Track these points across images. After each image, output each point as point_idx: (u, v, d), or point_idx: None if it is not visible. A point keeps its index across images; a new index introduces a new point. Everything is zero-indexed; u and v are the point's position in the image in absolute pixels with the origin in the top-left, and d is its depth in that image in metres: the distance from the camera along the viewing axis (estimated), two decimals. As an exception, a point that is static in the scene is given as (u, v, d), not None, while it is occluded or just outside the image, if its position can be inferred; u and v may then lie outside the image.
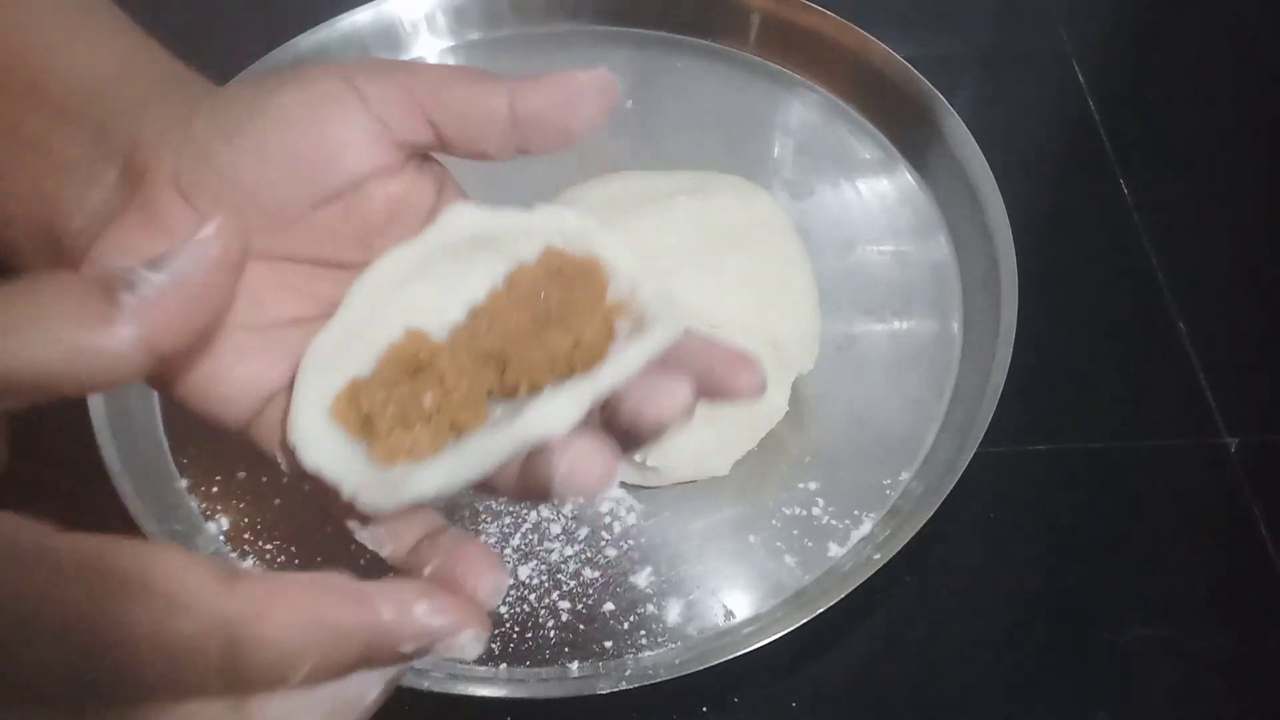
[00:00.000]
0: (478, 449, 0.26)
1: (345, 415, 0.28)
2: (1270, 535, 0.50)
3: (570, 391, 0.26)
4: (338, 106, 0.28)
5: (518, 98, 0.28)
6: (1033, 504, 0.52)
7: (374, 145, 0.28)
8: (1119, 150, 0.64)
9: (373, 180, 0.28)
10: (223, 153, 0.27)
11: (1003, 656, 0.47)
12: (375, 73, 0.28)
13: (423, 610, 0.23)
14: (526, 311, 0.29)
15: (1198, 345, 0.56)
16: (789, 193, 0.61)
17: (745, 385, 0.28)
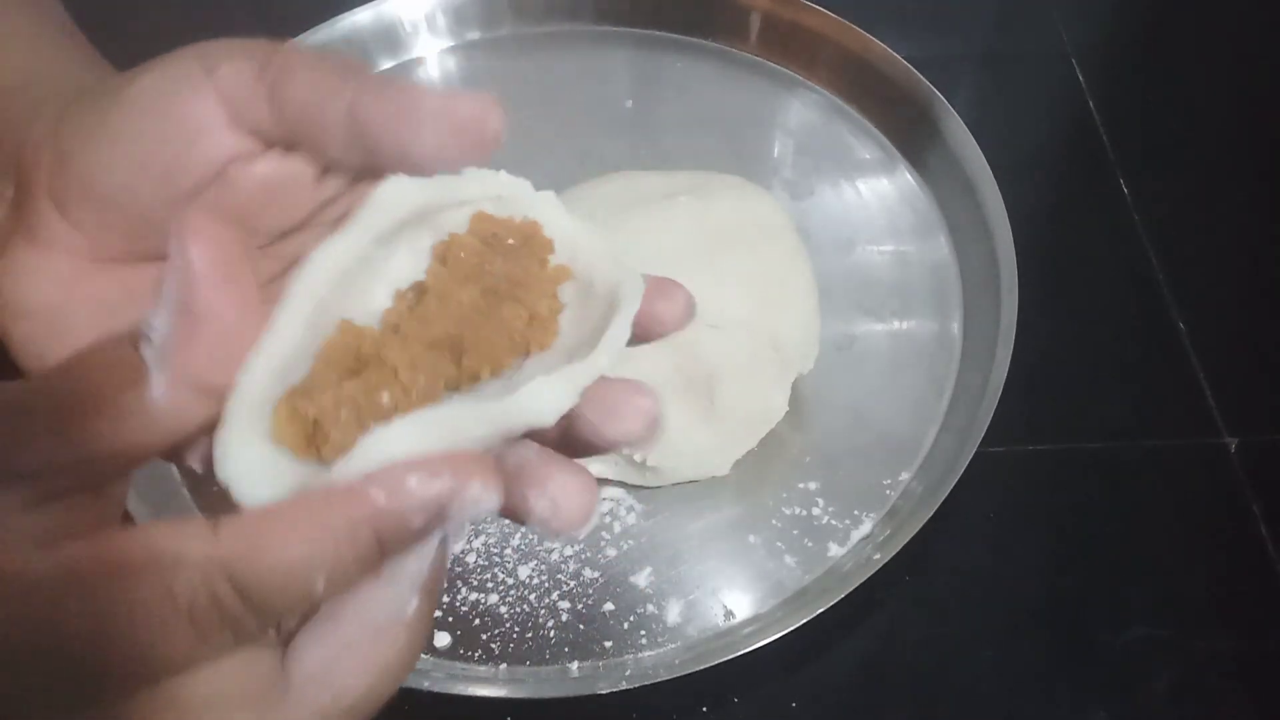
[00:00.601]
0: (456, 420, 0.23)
1: (287, 433, 0.23)
2: (1270, 535, 0.50)
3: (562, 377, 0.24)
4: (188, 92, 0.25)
5: (358, 103, 0.24)
6: (1033, 504, 0.52)
7: (226, 130, 0.25)
8: (1119, 150, 0.64)
9: (233, 167, 0.26)
10: (79, 155, 0.25)
11: (1003, 656, 0.47)
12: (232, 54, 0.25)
13: (415, 481, 0.21)
14: (474, 287, 0.25)
15: (1198, 345, 0.56)
16: (789, 193, 0.61)
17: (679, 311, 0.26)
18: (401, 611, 0.22)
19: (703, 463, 0.50)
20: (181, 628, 0.20)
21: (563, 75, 0.67)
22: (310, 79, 0.25)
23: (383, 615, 0.22)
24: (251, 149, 0.26)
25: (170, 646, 0.20)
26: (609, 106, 0.65)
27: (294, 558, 0.21)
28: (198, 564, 0.20)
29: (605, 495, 0.51)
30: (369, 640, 0.22)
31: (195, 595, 0.20)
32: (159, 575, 0.20)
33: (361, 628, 0.22)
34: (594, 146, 0.62)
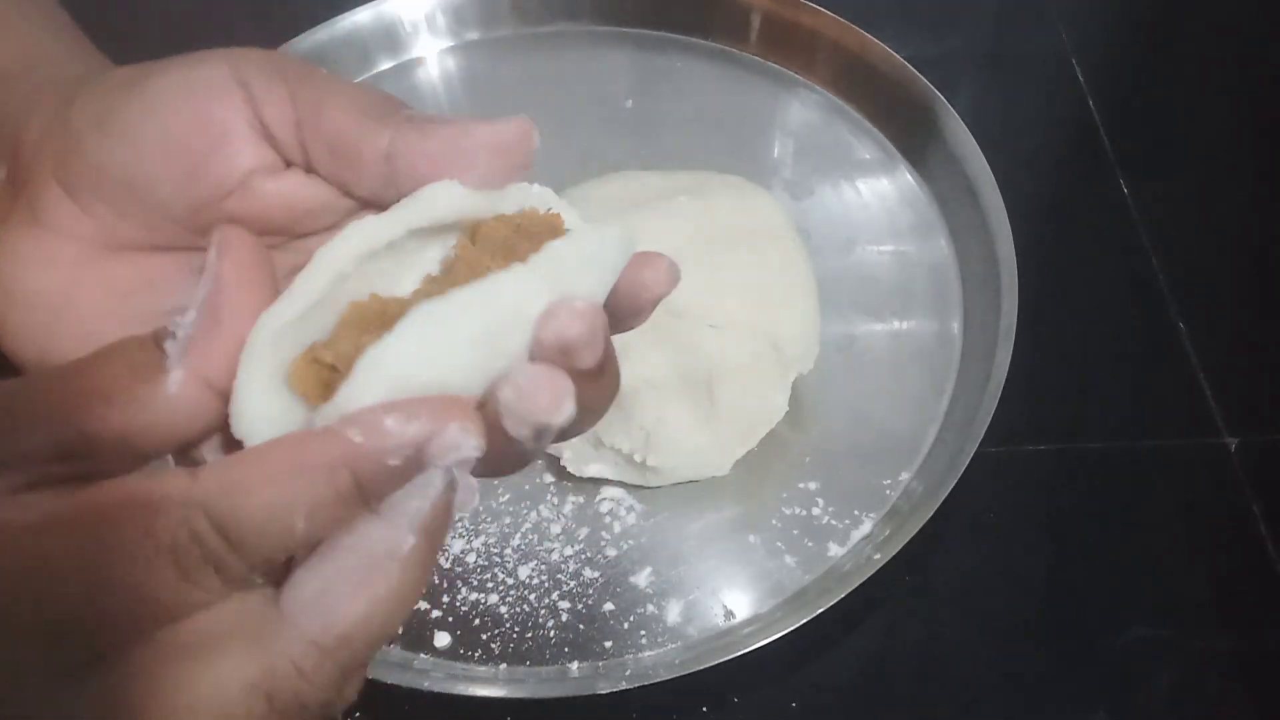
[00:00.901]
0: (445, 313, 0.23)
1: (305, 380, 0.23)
2: (1270, 535, 0.50)
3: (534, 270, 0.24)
4: (219, 95, 0.25)
5: (399, 144, 0.25)
6: (1033, 504, 0.52)
7: (253, 140, 0.26)
8: (1119, 150, 0.64)
9: (258, 175, 0.26)
10: (93, 141, 0.26)
11: (1003, 656, 0.47)
12: (265, 68, 0.26)
13: (393, 421, 0.21)
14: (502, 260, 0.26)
15: (1198, 345, 0.56)
16: (789, 193, 0.61)
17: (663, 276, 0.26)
18: (397, 548, 0.22)
19: (703, 463, 0.50)
20: (166, 568, 0.20)
21: (563, 75, 0.67)
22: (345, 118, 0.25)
23: (379, 549, 0.22)
24: (275, 163, 0.26)
25: (157, 589, 0.20)
26: (609, 106, 0.65)
27: (272, 496, 0.21)
28: (176, 505, 0.21)
29: (605, 495, 0.51)
30: (363, 572, 0.22)
31: (176, 534, 0.20)
32: (139, 517, 0.20)
33: (357, 560, 0.22)
34: (594, 146, 0.62)
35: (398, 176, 0.25)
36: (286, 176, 0.26)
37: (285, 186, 0.26)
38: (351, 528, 0.22)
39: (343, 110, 0.25)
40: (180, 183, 0.26)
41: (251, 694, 0.21)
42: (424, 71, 0.67)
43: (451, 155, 0.25)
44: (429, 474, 0.22)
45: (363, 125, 0.25)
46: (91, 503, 0.21)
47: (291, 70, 0.26)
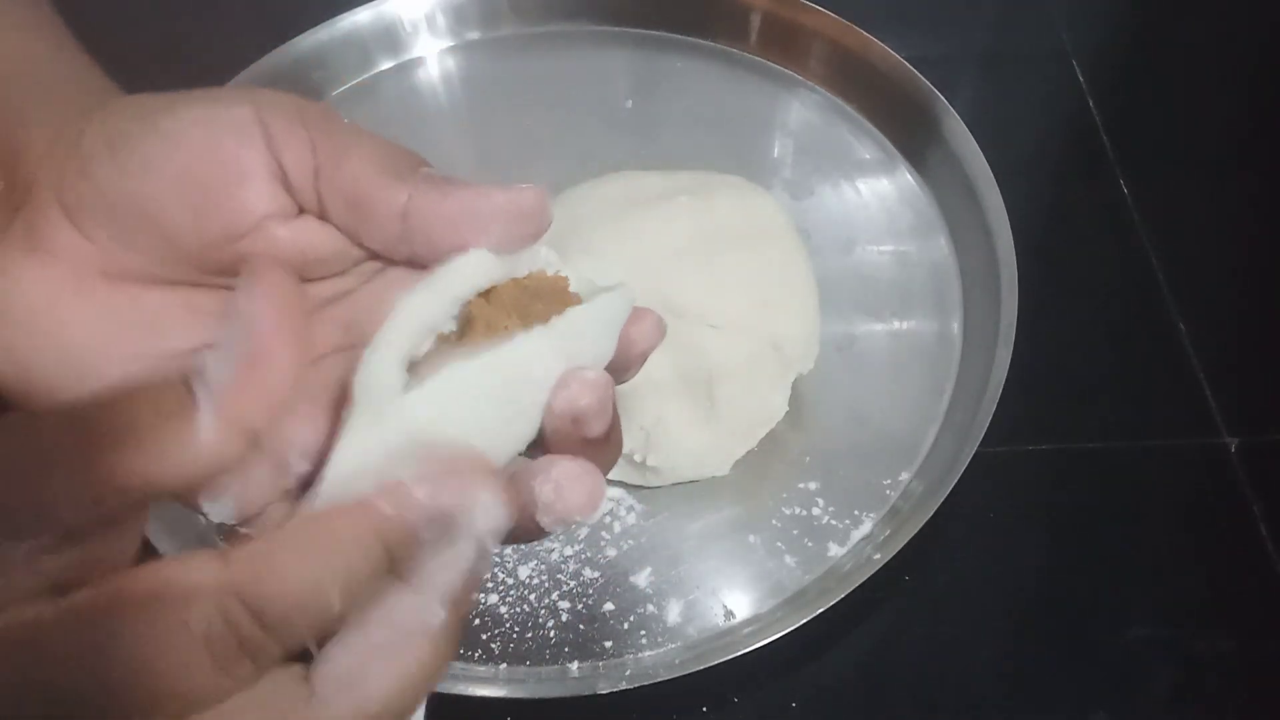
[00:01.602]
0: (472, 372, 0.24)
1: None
2: (1270, 535, 0.50)
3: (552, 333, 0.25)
4: (241, 136, 0.25)
5: (416, 203, 0.25)
6: (1033, 504, 0.52)
7: (270, 185, 0.26)
8: (1119, 150, 0.64)
9: (272, 220, 0.26)
10: (106, 169, 0.25)
11: (1003, 656, 0.47)
12: (288, 113, 0.26)
13: (423, 493, 0.22)
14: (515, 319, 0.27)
15: (1198, 345, 0.56)
16: (789, 193, 0.61)
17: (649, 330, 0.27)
18: (429, 621, 0.22)
19: (703, 463, 0.50)
20: (201, 660, 0.20)
21: (563, 75, 0.67)
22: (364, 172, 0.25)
23: (410, 622, 0.22)
24: (290, 208, 0.26)
25: (191, 682, 0.20)
26: (609, 106, 0.65)
27: (306, 575, 0.21)
28: (210, 593, 0.20)
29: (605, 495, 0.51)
30: (395, 647, 0.22)
31: (211, 625, 0.20)
32: (172, 609, 0.20)
33: (388, 634, 0.22)
34: (594, 146, 0.62)
35: (412, 234, 0.26)
36: (299, 223, 0.27)
37: (298, 233, 0.26)
38: (381, 600, 0.22)
39: (363, 164, 0.26)
40: (193, 219, 0.26)
41: None
42: (424, 71, 0.67)
43: (468, 219, 0.26)
44: (460, 545, 0.22)
45: (381, 181, 0.26)
46: (121, 593, 0.20)
47: (314, 118, 0.26)
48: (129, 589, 0.20)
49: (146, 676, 0.20)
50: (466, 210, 0.26)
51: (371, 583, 0.21)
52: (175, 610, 0.20)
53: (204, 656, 0.20)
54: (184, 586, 0.20)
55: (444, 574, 0.22)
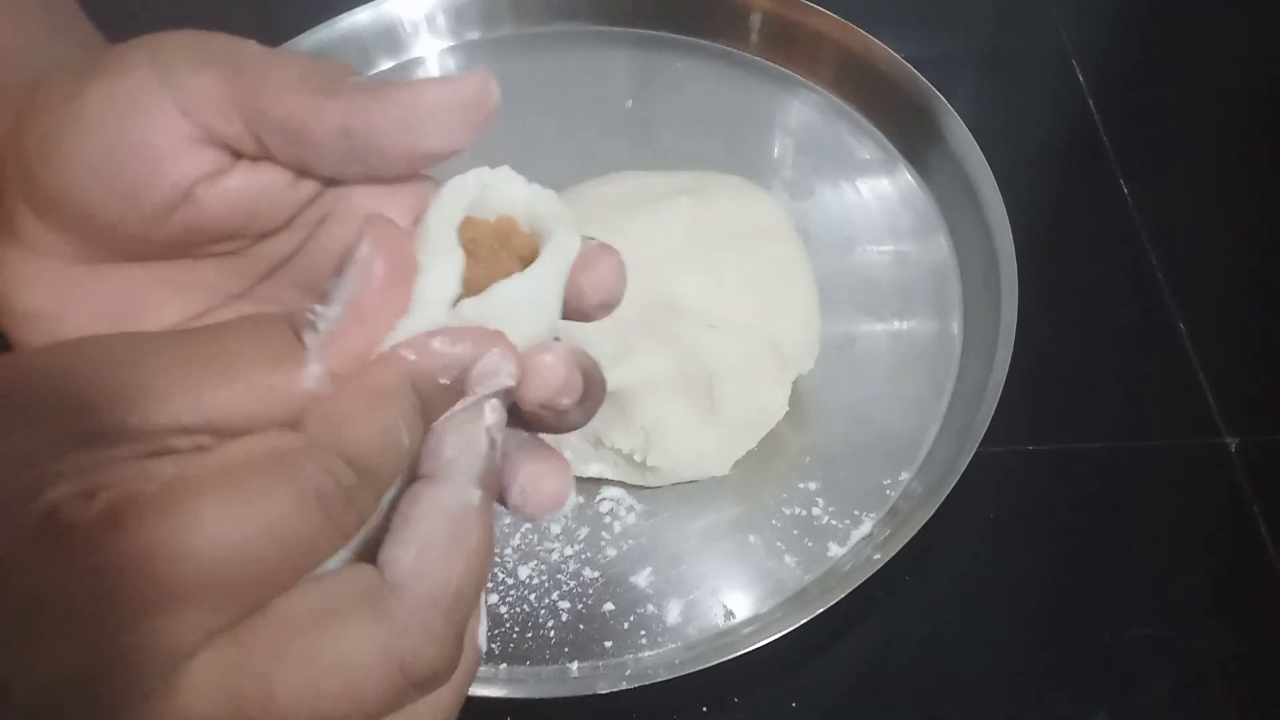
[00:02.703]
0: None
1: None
2: (1270, 535, 0.50)
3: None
4: (146, 107, 0.24)
5: (353, 116, 0.24)
6: (1033, 504, 0.52)
7: (192, 150, 0.25)
8: (1119, 150, 0.64)
9: (200, 187, 0.25)
10: (40, 168, 0.25)
11: (1003, 656, 0.47)
12: (193, 60, 0.24)
13: (439, 343, 0.23)
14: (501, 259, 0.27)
15: (1198, 345, 0.56)
16: (789, 193, 0.61)
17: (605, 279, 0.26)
18: (468, 501, 0.23)
19: (703, 463, 0.50)
20: (315, 517, 0.20)
21: (563, 75, 0.67)
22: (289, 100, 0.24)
23: (452, 505, 0.22)
24: (219, 165, 0.25)
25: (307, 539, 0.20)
26: (609, 106, 0.65)
27: (376, 420, 0.21)
28: (309, 451, 0.21)
29: (605, 495, 0.51)
30: (448, 531, 0.22)
31: (319, 480, 0.20)
32: (282, 469, 0.20)
33: (438, 521, 0.22)
34: (594, 146, 0.62)
35: (358, 150, 0.25)
36: (229, 179, 0.26)
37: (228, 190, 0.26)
38: (416, 497, 0.22)
39: (286, 91, 0.24)
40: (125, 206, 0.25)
41: (383, 660, 0.20)
42: (424, 72, 0.67)
43: (411, 121, 0.24)
44: (475, 433, 0.23)
45: (310, 103, 0.24)
46: (232, 461, 0.20)
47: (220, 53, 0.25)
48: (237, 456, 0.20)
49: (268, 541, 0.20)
50: (406, 112, 0.24)
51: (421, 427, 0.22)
52: (284, 471, 0.20)
53: (318, 512, 0.20)
54: (288, 449, 0.20)
55: (466, 460, 0.23)
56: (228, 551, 0.19)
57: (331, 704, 0.20)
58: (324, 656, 0.20)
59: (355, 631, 0.20)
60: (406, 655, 0.21)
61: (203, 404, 0.21)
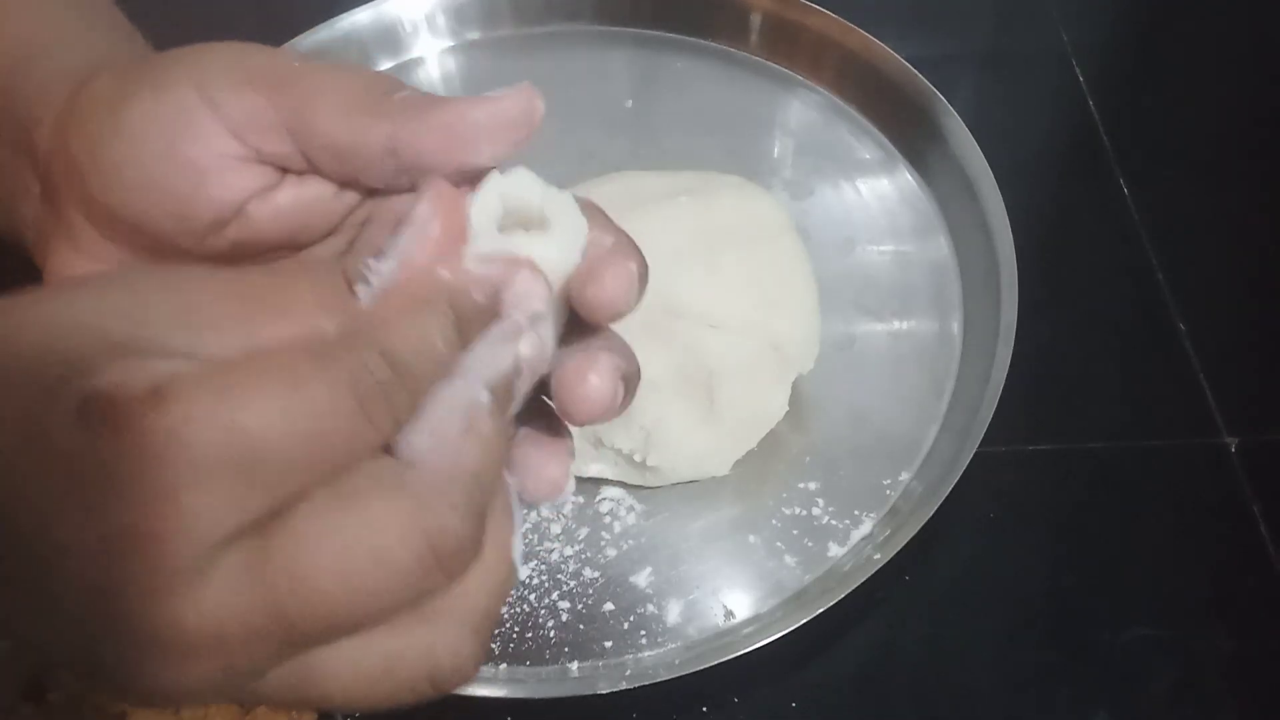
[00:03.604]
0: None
1: None
2: (1270, 535, 0.50)
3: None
4: (190, 126, 0.25)
5: (401, 137, 0.25)
6: (1033, 504, 0.52)
7: (240, 169, 0.25)
8: (1119, 150, 0.64)
9: (251, 204, 0.26)
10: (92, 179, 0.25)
11: (1003, 656, 0.47)
12: (234, 78, 0.25)
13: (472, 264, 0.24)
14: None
15: (1198, 345, 0.56)
16: (789, 193, 0.61)
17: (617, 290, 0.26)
18: (476, 397, 0.23)
19: (703, 463, 0.50)
20: (353, 413, 0.20)
21: (563, 75, 0.66)
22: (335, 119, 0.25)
23: (463, 399, 0.23)
24: (268, 182, 0.26)
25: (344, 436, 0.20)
26: (609, 106, 0.65)
27: (414, 324, 0.22)
28: (346, 342, 0.21)
29: (605, 495, 0.51)
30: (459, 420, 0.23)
31: (357, 376, 0.20)
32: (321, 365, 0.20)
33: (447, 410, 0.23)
34: (594, 146, 0.62)
35: (404, 166, 0.25)
36: (278, 194, 0.26)
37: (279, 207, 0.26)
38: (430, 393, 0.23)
39: (332, 112, 0.25)
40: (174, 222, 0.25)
41: (412, 535, 0.21)
42: (424, 71, 0.67)
43: (457, 140, 0.25)
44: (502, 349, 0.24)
45: (357, 124, 0.25)
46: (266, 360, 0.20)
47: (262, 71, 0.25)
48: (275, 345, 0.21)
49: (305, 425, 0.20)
50: (454, 133, 0.25)
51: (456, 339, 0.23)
52: (323, 367, 0.20)
53: (352, 403, 0.20)
54: (326, 346, 0.21)
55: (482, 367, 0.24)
56: (264, 433, 0.19)
57: (362, 579, 0.20)
58: (350, 533, 0.20)
59: (379, 505, 0.21)
60: (431, 527, 0.21)
61: (252, 338, 0.21)
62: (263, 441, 0.19)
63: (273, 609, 0.20)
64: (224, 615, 0.19)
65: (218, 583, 0.19)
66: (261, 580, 0.19)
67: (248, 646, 0.20)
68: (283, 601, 0.20)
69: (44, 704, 0.41)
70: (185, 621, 0.19)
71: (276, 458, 0.19)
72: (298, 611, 0.20)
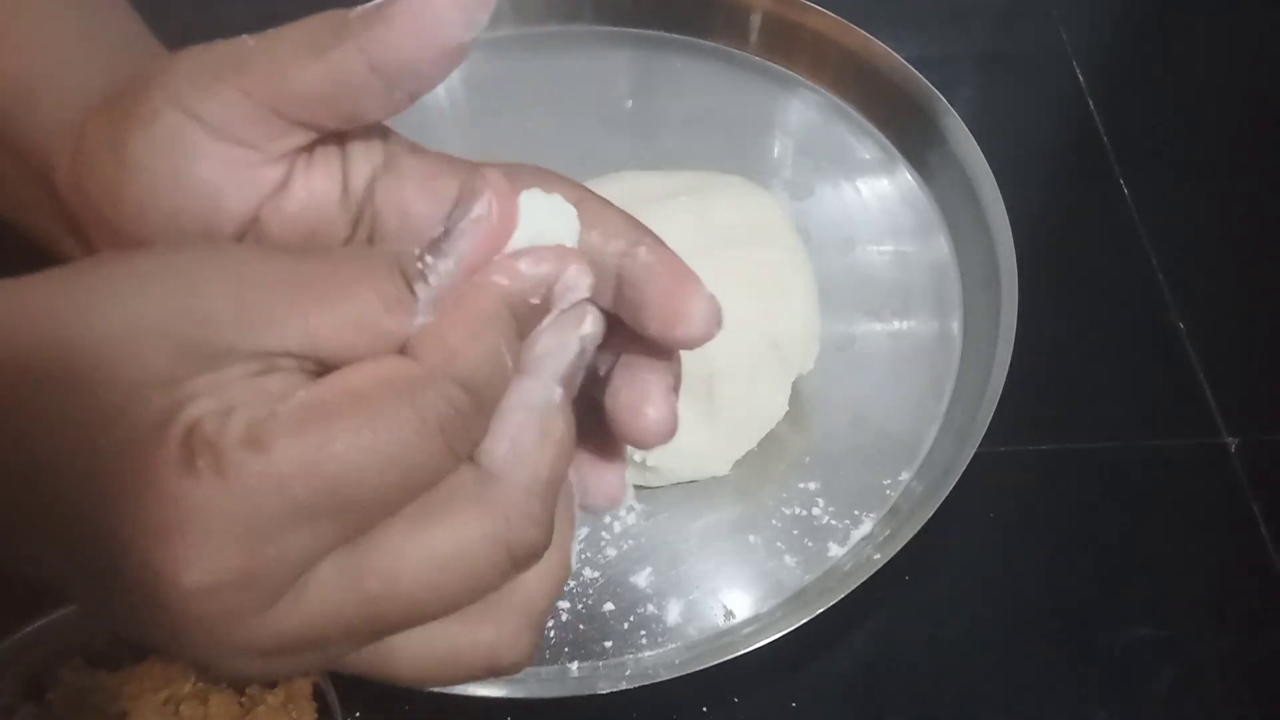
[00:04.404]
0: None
1: None
2: (1270, 535, 0.50)
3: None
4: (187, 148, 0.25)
5: (372, 51, 0.24)
6: (1033, 504, 0.52)
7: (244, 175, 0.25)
8: (1119, 150, 0.64)
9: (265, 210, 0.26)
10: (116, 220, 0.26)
11: (1003, 656, 0.47)
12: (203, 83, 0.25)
13: (525, 265, 0.24)
14: None
15: (1198, 345, 0.56)
16: (789, 193, 0.61)
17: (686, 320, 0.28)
18: (550, 396, 0.24)
19: (703, 463, 0.50)
20: (435, 442, 0.21)
21: (563, 75, 0.67)
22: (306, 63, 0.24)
23: (538, 399, 0.24)
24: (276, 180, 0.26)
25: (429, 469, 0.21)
26: (609, 106, 0.65)
27: (484, 345, 0.22)
28: (429, 379, 0.21)
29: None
30: (536, 424, 0.23)
31: (439, 406, 0.21)
32: (404, 396, 0.21)
33: (525, 415, 0.23)
34: (594, 146, 0.62)
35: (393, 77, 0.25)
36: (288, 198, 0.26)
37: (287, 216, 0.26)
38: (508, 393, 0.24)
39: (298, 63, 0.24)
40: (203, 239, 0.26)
41: (493, 546, 0.22)
42: (424, 71, 0.67)
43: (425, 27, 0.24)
44: (568, 337, 0.25)
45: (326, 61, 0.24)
46: (352, 387, 0.21)
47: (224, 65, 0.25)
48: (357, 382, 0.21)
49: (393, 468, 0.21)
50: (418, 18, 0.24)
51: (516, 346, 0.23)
52: (407, 398, 0.21)
53: (439, 439, 0.21)
54: (408, 376, 0.21)
55: (553, 359, 0.24)
56: (356, 476, 0.20)
57: (451, 588, 0.22)
58: (440, 547, 0.22)
59: (466, 522, 0.22)
60: (511, 539, 0.22)
61: (313, 334, 0.21)
62: (355, 484, 0.20)
63: (367, 611, 0.22)
64: (324, 622, 0.21)
65: (317, 593, 0.21)
66: (358, 589, 0.21)
67: (343, 643, 0.22)
68: (376, 605, 0.22)
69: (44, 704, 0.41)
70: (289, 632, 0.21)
71: (367, 496, 0.21)
72: (388, 612, 0.22)
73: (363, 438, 0.20)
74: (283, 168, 0.26)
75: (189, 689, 0.42)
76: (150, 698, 0.41)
